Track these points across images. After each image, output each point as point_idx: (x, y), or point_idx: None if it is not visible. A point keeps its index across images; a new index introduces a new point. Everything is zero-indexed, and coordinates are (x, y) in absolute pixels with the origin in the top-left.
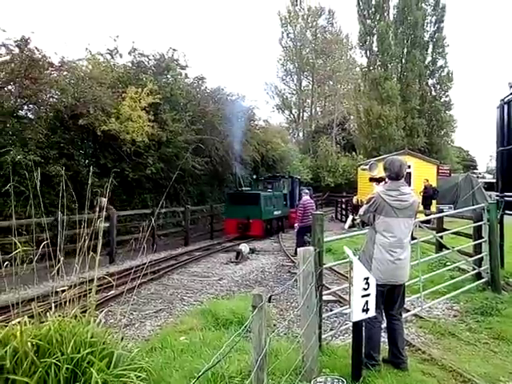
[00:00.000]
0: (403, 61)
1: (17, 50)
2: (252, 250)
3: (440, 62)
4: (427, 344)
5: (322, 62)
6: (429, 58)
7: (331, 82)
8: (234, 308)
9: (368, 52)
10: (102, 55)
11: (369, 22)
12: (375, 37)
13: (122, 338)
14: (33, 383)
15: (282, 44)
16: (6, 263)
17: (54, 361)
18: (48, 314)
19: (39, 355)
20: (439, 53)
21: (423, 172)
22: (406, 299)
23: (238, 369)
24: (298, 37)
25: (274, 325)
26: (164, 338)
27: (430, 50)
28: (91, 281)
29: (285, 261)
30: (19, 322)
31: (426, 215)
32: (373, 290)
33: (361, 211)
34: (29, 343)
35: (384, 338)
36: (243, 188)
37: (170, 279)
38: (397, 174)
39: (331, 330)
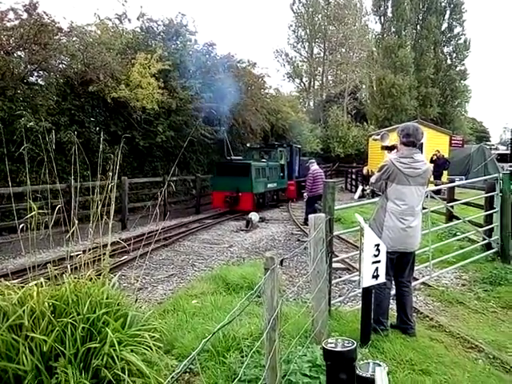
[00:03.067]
0: (418, 27)
1: (25, 15)
2: (262, 219)
3: (457, 30)
4: (435, 311)
5: (334, 29)
6: (445, 25)
7: (343, 50)
8: (245, 274)
9: (382, 18)
10: (110, 20)
11: None
12: (390, 2)
13: (136, 300)
14: (50, 341)
15: (293, 9)
16: (21, 225)
17: (70, 320)
18: (64, 276)
19: (56, 315)
20: (456, 19)
21: (436, 142)
22: (415, 268)
23: (248, 331)
24: (310, 2)
25: (284, 290)
26: (176, 301)
27: (446, 17)
28: (105, 246)
29: (294, 230)
30: (36, 284)
31: (436, 185)
32: (383, 257)
33: (372, 179)
34: (46, 303)
35: (392, 304)
36: (232, 157)
37: (181, 246)
38: (412, 141)
39: (340, 296)
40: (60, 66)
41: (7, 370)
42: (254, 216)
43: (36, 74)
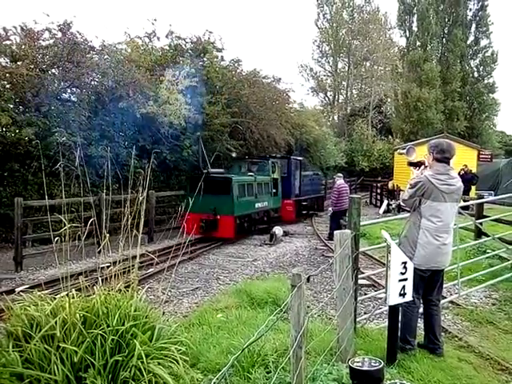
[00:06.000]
0: (444, 41)
1: (60, 34)
2: (285, 233)
3: (483, 42)
4: (464, 331)
5: (358, 43)
6: (471, 38)
7: (368, 64)
8: (269, 289)
9: (407, 32)
10: (140, 38)
11: (409, 0)
12: (415, 16)
13: (163, 313)
14: (81, 352)
15: (317, 25)
16: (56, 239)
17: (100, 332)
18: (94, 287)
19: (86, 326)
20: (482, 32)
21: (463, 157)
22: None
23: (273, 347)
24: (335, 17)
25: (308, 306)
26: (201, 314)
27: (472, 29)
28: (133, 258)
29: (318, 244)
30: (68, 295)
31: (465, 201)
32: (410, 275)
33: (404, 196)
34: (77, 315)
35: (420, 323)
36: (209, 170)
37: (205, 259)
38: (446, 157)
39: (365, 313)
40: (92, 82)
41: (40, 380)
42: (278, 230)
43: (69, 90)
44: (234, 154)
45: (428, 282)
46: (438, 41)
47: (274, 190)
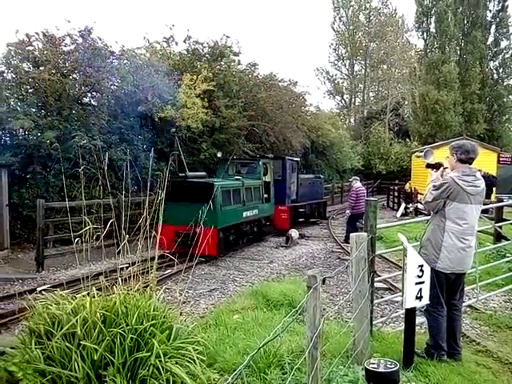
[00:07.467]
0: (463, 43)
1: (80, 40)
2: (301, 236)
3: (504, 43)
4: (482, 336)
5: (375, 46)
6: (491, 39)
7: (385, 66)
8: (285, 291)
9: (425, 34)
10: (158, 43)
11: (426, 1)
12: (433, 18)
13: (181, 314)
14: (101, 350)
15: (334, 28)
16: (76, 240)
17: (119, 331)
18: (114, 287)
19: (106, 325)
20: (503, 33)
21: (483, 160)
22: None
23: (289, 349)
24: (351, 20)
25: (324, 309)
26: (218, 315)
27: (492, 31)
28: (152, 259)
29: (334, 247)
30: (88, 294)
31: (484, 204)
32: (427, 278)
33: (428, 198)
34: (97, 314)
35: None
36: (187, 173)
37: (222, 261)
38: (471, 157)
39: (382, 317)
40: (111, 87)
41: (61, 376)
42: (294, 233)
43: (89, 95)
44: (219, 154)
45: (451, 285)
46: (457, 42)
47: (266, 196)
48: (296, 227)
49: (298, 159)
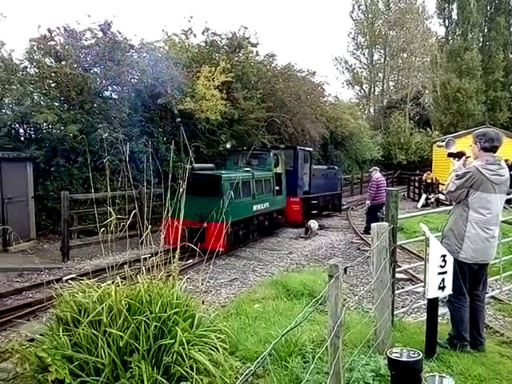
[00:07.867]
0: (485, 29)
1: (101, 34)
2: (321, 227)
3: None
4: (506, 327)
5: (395, 34)
6: None
7: (405, 55)
8: (305, 281)
9: (446, 21)
10: (177, 36)
11: None
12: (455, 4)
13: (203, 302)
14: (126, 337)
15: (352, 17)
16: (102, 230)
17: (144, 318)
18: (138, 276)
19: (131, 313)
20: None
21: (507, 148)
22: None
23: (310, 338)
24: (370, 8)
25: (345, 299)
26: (239, 305)
27: None
28: (174, 249)
29: (354, 238)
30: (113, 283)
31: (508, 194)
32: (450, 268)
33: (451, 187)
34: (122, 302)
35: None
36: (194, 165)
37: (242, 251)
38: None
39: (403, 307)
40: (132, 80)
41: (88, 362)
42: (313, 223)
43: (110, 88)
44: (228, 145)
45: (474, 276)
46: (480, 29)
47: (278, 188)
48: (315, 218)
49: (311, 149)
